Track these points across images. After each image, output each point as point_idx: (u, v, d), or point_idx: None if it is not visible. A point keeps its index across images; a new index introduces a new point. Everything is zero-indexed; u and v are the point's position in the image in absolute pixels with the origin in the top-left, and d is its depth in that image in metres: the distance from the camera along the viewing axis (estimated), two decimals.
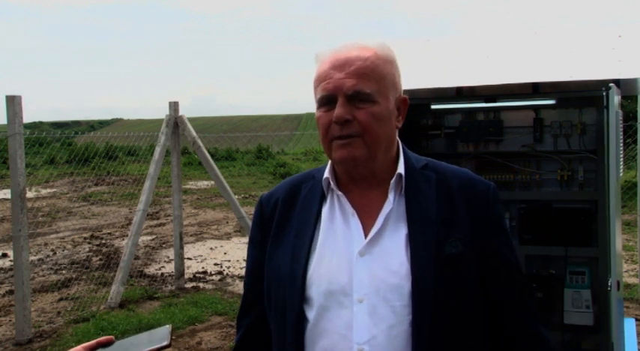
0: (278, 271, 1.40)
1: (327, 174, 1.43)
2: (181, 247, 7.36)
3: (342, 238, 1.37)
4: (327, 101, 1.35)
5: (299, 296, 1.35)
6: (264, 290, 1.45)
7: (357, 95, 1.32)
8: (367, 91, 1.32)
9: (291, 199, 1.47)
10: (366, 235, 1.35)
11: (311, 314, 1.35)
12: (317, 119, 1.38)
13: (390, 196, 1.37)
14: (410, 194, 1.38)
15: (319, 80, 1.37)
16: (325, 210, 1.41)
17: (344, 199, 1.40)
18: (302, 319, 1.35)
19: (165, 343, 1.25)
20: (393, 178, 1.38)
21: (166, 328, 1.29)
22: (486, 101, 3.22)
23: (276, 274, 1.41)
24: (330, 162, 1.45)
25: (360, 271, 1.33)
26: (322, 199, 1.43)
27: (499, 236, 1.40)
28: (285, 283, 1.38)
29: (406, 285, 1.30)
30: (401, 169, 1.40)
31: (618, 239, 2.74)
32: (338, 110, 1.32)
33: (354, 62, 1.34)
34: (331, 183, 1.42)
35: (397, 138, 1.45)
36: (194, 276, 7.79)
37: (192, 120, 7.44)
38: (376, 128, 1.34)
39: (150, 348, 1.24)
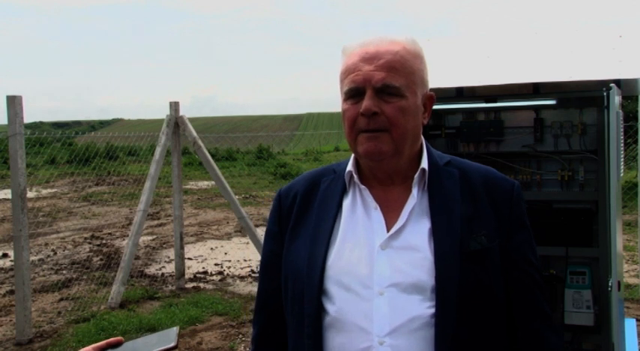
0: (296, 263, 1.39)
1: (350, 167, 1.42)
2: (182, 248, 7.36)
3: (363, 231, 1.36)
4: (354, 94, 1.34)
5: (317, 288, 1.34)
6: (282, 283, 1.44)
7: (386, 88, 1.31)
8: (396, 85, 1.31)
9: (310, 192, 1.46)
10: (388, 230, 1.34)
11: (330, 306, 1.33)
12: (343, 112, 1.37)
13: (414, 191, 1.36)
14: (433, 190, 1.37)
15: (347, 72, 1.35)
16: (347, 203, 1.40)
17: (367, 193, 1.39)
18: (321, 312, 1.34)
19: (172, 345, 1.27)
20: (417, 173, 1.37)
21: (174, 330, 1.32)
22: (487, 101, 3.22)
23: (294, 266, 1.40)
24: (352, 156, 1.44)
25: (381, 263, 1.32)
26: (343, 192, 1.42)
27: (521, 234, 1.39)
28: (303, 275, 1.37)
29: (429, 280, 1.29)
30: (425, 164, 1.39)
31: (619, 239, 2.73)
32: (366, 102, 1.31)
33: (383, 55, 1.32)
34: (354, 176, 1.41)
35: (421, 135, 1.44)
36: (194, 276, 7.79)
37: (192, 120, 7.45)
38: (403, 123, 1.33)
39: (157, 349, 1.27)
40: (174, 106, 7.16)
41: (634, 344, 3.25)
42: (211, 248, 9.59)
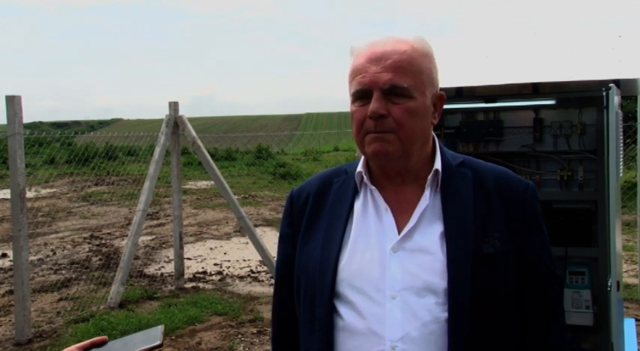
0: (308, 265, 1.38)
1: (360, 168, 1.40)
2: (181, 247, 7.36)
3: (374, 234, 1.34)
4: (362, 95, 1.32)
5: (329, 291, 1.32)
6: (294, 284, 1.43)
7: (393, 90, 1.29)
8: (404, 86, 1.29)
9: (322, 193, 1.45)
10: (399, 231, 1.32)
11: (342, 310, 1.32)
12: (351, 114, 1.35)
13: (427, 192, 1.34)
14: (446, 191, 1.35)
15: (355, 74, 1.33)
16: (358, 205, 1.39)
17: (377, 194, 1.37)
18: (332, 315, 1.33)
19: (157, 343, 1.26)
20: (430, 174, 1.35)
21: (159, 329, 1.30)
22: (486, 101, 3.22)
23: (305, 268, 1.39)
24: (363, 157, 1.42)
25: (393, 267, 1.30)
26: (355, 193, 1.40)
27: (535, 236, 1.36)
28: (315, 278, 1.35)
29: (441, 283, 1.27)
30: (438, 165, 1.37)
31: (618, 239, 2.73)
32: (373, 105, 1.29)
33: (390, 56, 1.30)
34: (364, 177, 1.39)
35: (433, 134, 1.42)
36: (194, 276, 7.79)
37: (192, 120, 7.44)
38: (411, 124, 1.30)
39: (142, 348, 1.25)
40: (174, 106, 7.16)
41: (633, 344, 3.25)
42: (211, 248, 9.59)
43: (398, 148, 1.31)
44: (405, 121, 1.29)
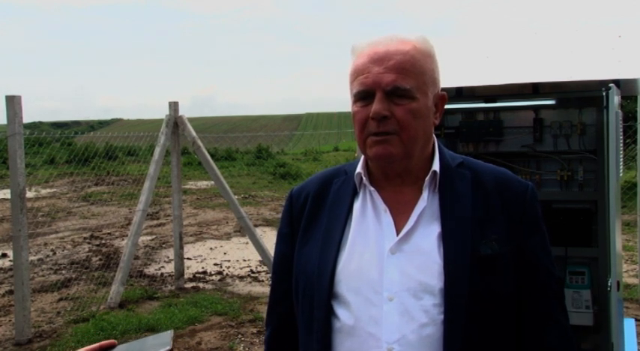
0: (306, 266, 1.37)
1: (359, 169, 1.40)
2: (181, 247, 7.36)
3: (373, 235, 1.33)
4: (364, 96, 1.31)
5: (327, 292, 1.32)
6: (293, 285, 1.43)
7: (396, 91, 1.28)
8: (406, 87, 1.28)
9: (321, 193, 1.44)
10: (398, 233, 1.32)
11: (340, 311, 1.32)
12: (353, 114, 1.34)
13: (424, 194, 1.34)
14: (444, 192, 1.34)
15: (356, 74, 1.32)
16: (357, 206, 1.38)
17: (376, 195, 1.37)
18: (330, 316, 1.32)
19: (167, 348, 1.25)
20: (428, 176, 1.35)
21: (169, 333, 1.29)
22: (486, 101, 3.22)
23: (304, 269, 1.38)
24: (362, 157, 1.41)
25: (391, 268, 1.29)
26: (354, 194, 1.40)
27: (534, 238, 1.35)
28: (313, 278, 1.35)
29: (438, 284, 1.26)
30: (436, 166, 1.36)
31: (618, 239, 2.73)
32: (376, 106, 1.28)
33: (393, 56, 1.29)
34: (363, 178, 1.39)
35: (433, 135, 1.41)
36: (194, 276, 7.79)
37: (191, 120, 7.45)
38: (414, 125, 1.30)
39: None
40: (174, 106, 7.16)
41: (633, 344, 3.25)
42: (210, 248, 9.59)
43: (400, 150, 1.30)
44: (407, 122, 1.29)
